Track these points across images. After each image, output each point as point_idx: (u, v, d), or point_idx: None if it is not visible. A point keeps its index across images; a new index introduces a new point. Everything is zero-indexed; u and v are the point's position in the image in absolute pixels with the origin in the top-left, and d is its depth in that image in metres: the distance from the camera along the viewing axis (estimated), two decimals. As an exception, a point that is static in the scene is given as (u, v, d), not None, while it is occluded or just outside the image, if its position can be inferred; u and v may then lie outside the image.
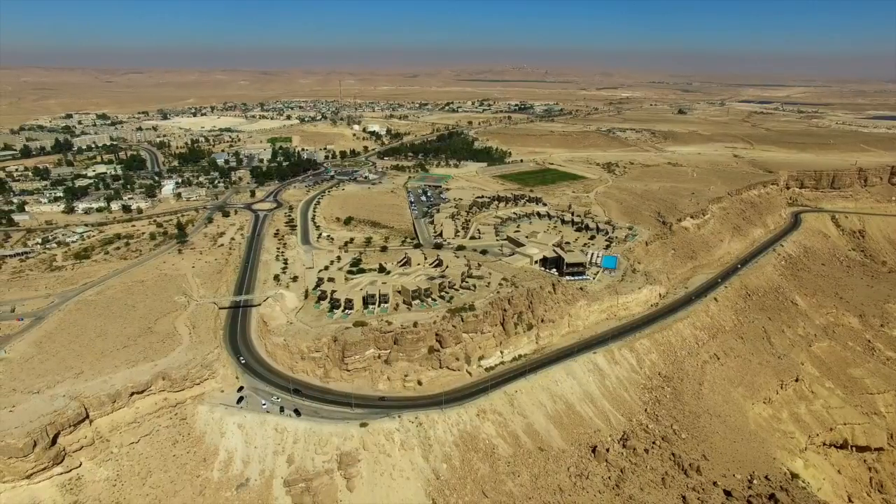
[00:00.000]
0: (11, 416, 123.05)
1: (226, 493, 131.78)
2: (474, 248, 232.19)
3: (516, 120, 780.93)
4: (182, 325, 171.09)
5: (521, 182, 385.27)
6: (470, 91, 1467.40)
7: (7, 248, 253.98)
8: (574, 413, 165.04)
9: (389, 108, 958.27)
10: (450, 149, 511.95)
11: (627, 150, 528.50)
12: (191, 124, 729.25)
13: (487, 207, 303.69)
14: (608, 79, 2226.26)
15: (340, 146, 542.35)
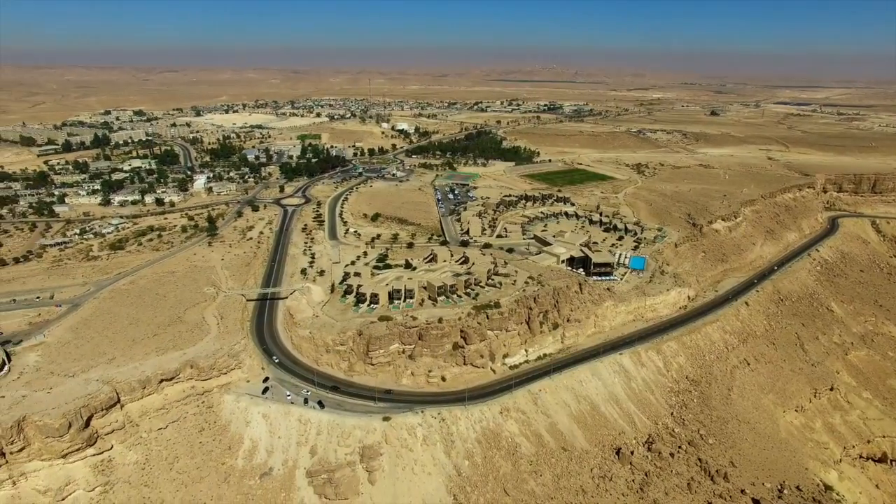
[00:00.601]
0: (49, 397, 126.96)
1: (249, 481, 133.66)
2: (501, 246, 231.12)
3: (545, 120, 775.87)
4: (210, 315, 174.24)
5: (548, 182, 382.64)
6: (499, 91, 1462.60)
7: (48, 237, 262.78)
8: (598, 414, 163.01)
9: (418, 106, 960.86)
10: (478, 148, 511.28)
11: (657, 152, 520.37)
12: (223, 121, 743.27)
13: (515, 206, 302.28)
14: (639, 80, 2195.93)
15: (369, 144, 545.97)
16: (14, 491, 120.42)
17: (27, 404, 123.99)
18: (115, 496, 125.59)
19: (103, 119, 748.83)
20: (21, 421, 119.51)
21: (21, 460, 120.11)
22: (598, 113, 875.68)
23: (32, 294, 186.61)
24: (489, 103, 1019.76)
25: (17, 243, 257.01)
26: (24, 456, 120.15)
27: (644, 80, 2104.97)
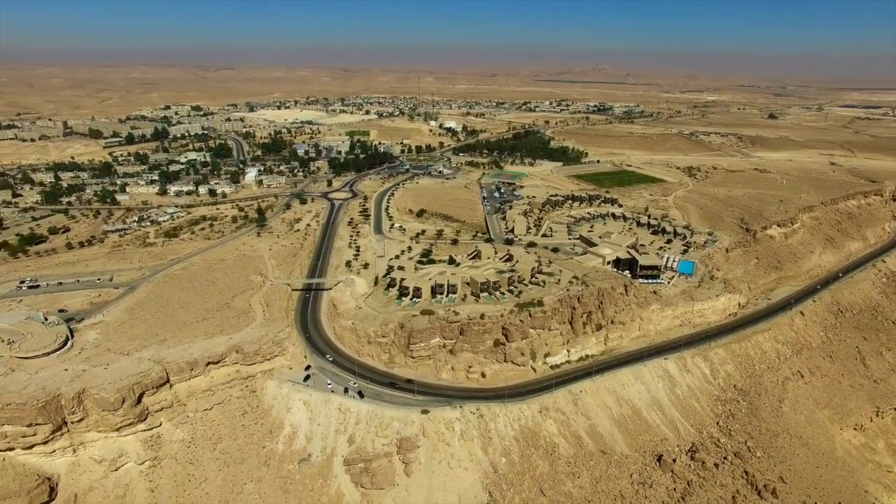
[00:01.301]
0: (106, 372, 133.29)
1: (289, 465, 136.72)
2: (545, 245, 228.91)
3: (594, 121, 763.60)
4: (257, 302, 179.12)
5: (596, 183, 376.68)
6: (548, 91, 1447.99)
7: (110, 224, 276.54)
8: (640, 419, 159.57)
9: (466, 105, 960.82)
10: (525, 147, 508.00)
11: (710, 155, 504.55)
12: (275, 116, 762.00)
13: (561, 206, 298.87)
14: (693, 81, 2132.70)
15: (416, 141, 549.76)
16: (74, 458, 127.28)
17: (87, 378, 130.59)
18: (162, 471, 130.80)
19: (163, 114, 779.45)
20: (81, 393, 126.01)
21: (80, 430, 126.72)
22: (650, 115, 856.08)
23: (94, 276, 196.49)
24: (538, 103, 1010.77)
25: (82, 228, 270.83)
26: (84, 426, 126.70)
27: (698, 83, 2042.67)
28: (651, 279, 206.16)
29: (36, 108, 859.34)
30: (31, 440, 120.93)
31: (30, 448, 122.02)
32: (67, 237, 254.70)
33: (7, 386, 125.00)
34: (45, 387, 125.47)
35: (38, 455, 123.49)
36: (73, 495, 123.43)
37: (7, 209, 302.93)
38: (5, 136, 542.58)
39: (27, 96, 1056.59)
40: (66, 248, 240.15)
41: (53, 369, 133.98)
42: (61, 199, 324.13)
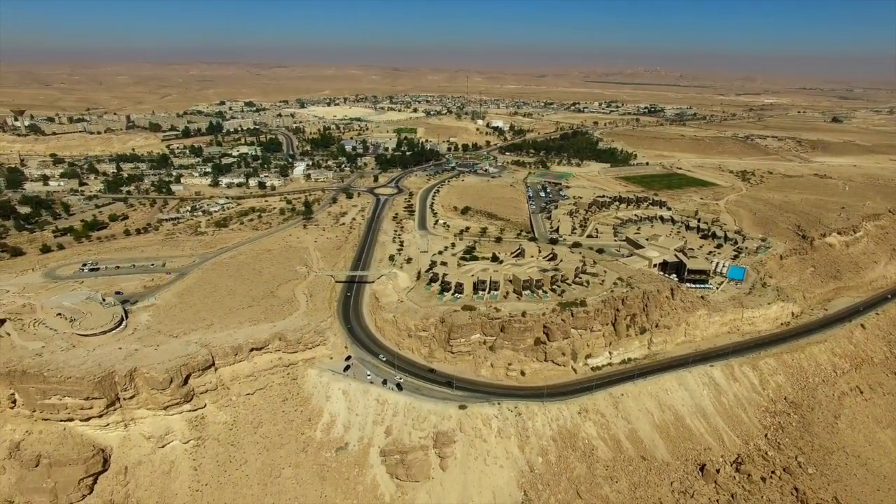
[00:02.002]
0: (156, 353, 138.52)
1: (326, 453, 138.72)
2: (590, 246, 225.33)
3: (644, 122, 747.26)
4: (301, 292, 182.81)
5: (644, 185, 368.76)
6: (598, 93, 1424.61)
7: (165, 213, 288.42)
8: (683, 426, 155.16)
9: (514, 105, 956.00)
10: (573, 147, 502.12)
11: (766, 159, 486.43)
12: (324, 113, 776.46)
13: (608, 208, 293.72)
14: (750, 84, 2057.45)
15: (463, 139, 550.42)
16: (125, 433, 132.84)
17: (138, 357, 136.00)
18: (205, 450, 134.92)
19: (218, 109, 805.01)
20: (133, 371, 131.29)
21: (132, 406, 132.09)
22: (703, 117, 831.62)
23: (149, 261, 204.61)
24: (587, 104, 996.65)
25: (139, 216, 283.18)
26: (134, 403, 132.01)
27: (755, 85, 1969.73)
28: (699, 284, 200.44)
29: (103, 104, 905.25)
30: (88, 413, 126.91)
31: (87, 420, 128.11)
32: (126, 224, 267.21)
33: (68, 361, 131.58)
34: (101, 363, 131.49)
35: (94, 427, 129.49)
36: (123, 468, 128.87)
37: (74, 197, 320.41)
38: (75, 129, 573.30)
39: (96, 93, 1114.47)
40: (124, 234, 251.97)
41: (109, 347, 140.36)
42: (122, 188, 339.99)
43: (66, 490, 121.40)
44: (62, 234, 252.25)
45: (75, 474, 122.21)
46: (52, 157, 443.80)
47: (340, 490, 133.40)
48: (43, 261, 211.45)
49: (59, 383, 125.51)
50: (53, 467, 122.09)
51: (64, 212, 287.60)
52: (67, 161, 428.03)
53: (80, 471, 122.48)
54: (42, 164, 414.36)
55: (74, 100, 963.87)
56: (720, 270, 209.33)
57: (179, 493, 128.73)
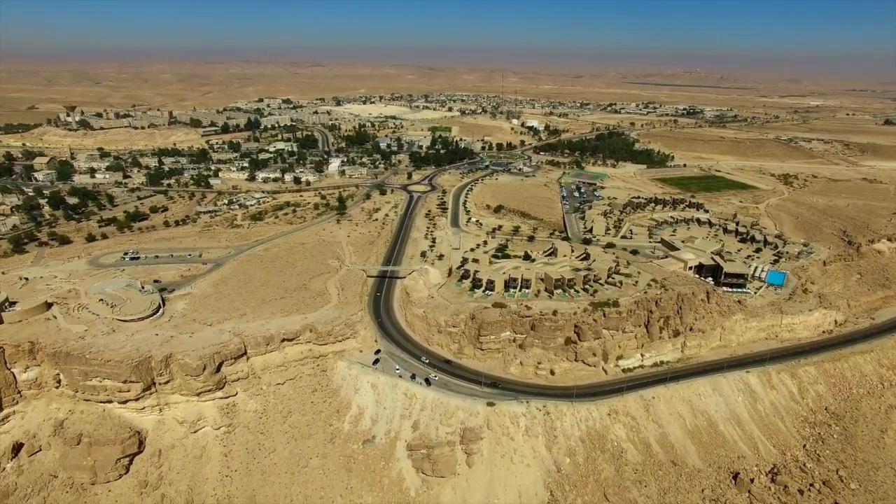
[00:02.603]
0: (190, 340, 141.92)
1: (353, 445, 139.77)
2: (624, 247, 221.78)
3: (682, 124, 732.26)
4: (332, 286, 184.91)
5: (681, 187, 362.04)
6: (635, 94, 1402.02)
7: (203, 205, 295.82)
8: (716, 432, 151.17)
9: (550, 105, 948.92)
10: (608, 148, 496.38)
11: (811, 162, 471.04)
12: (360, 111, 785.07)
13: (643, 209, 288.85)
14: (795, 85, 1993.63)
15: (497, 139, 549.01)
16: (160, 417, 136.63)
17: (174, 344, 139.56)
18: (235, 437, 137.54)
19: (256, 106, 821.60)
20: (168, 357, 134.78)
21: (166, 392, 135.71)
22: (743, 119, 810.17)
23: (186, 252, 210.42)
24: (623, 105, 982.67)
25: (178, 208, 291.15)
26: (169, 388, 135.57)
27: (800, 87, 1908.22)
28: (736, 288, 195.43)
29: (148, 101, 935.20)
30: (126, 395, 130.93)
31: (124, 403, 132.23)
32: (165, 216, 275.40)
33: (109, 344, 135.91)
34: (138, 348, 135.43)
35: (131, 410, 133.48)
36: (157, 450, 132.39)
37: (118, 189, 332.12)
38: (121, 124, 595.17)
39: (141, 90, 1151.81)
40: (164, 225, 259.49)
41: (146, 333, 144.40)
42: (163, 181, 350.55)
43: (104, 468, 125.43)
44: (106, 224, 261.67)
45: (113, 454, 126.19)
46: (99, 151, 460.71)
47: (366, 482, 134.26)
48: (88, 249, 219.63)
49: (99, 366, 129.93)
50: (93, 446, 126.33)
51: (108, 203, 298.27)
52: (113, 155, 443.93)
53: (117, 451, 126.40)
54: (90, 158, 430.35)
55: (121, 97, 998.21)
56: (759, 275, 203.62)
57: (210, 477, 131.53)
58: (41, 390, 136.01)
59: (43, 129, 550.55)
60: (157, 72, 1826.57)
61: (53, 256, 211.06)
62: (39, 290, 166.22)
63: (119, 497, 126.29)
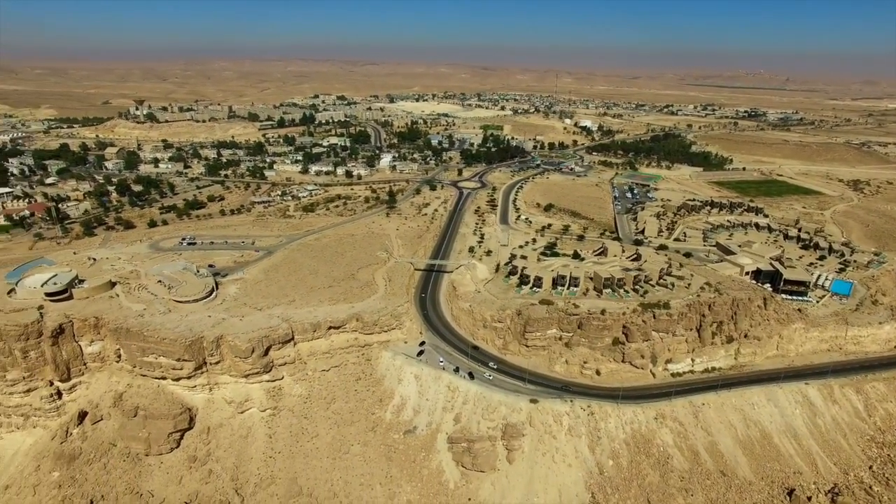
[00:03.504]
0: (241, 323, 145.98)
1: (394, 434, 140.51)
2: (677, 249, 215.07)
3: (743, 126, 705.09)
4: (380, 277, 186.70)
5: (740, 191, 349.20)
6: (693, 95, 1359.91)
7: (257, 196, 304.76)
8: (770, 445, 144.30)
9: (604, 106, 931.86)
10: (663, 150, 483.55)
11: (886, 168, 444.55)
12: (412, 108, 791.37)
13: (698, 212, 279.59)
14: (870, 87, 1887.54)
15: (550, 138, 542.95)
16: (210, 396, 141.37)
17: (225, 326, 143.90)
18: (280, 420, 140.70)
19: (312, 102, 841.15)
20: (219, 339, 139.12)
21: (216, 372, 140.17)
22: (810, 122, 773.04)
23: (240, 239, 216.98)
24: (680, 107, 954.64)
25: (234, 198, 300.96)
26: (219, 369, 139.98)
27: (877, 89, 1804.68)
28: (797, 296, 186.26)
29: (209, 96, 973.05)
30: (179, 373, 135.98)
31: (177, 380, 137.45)
32: (222, 205, 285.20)
33: (164, 323, 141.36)
34: (192, 328, 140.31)
35: (183, 388, 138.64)
36: (206, 427, 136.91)
37: (178, 178, 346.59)
38: (183, 117, 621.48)
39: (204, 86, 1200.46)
40: (220, 213, 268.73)
41: (199, 314, 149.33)
42: (220, 172, 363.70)
43: (157, 441, 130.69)
44: (167, 211, 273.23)
45: (165, 428, 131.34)
46: (163, 143, 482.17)
47: (406, 472, 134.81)
48: (149, 234, 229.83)
49: (155, 343, 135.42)
50: (148, 419, 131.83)
51: (170, 191, 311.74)
52: (175, 146, 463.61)
53: (169, 425, 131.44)
54: (155, 149, 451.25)
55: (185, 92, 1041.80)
56: (822, 283, 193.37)
57: (255, 457, 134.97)
58: (104, 363, 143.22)
59: (114, 121, 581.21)
60: (219, 69, 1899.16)
61: (118, 240, 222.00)
62: (105, 269, 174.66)
63: (170, 469, 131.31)
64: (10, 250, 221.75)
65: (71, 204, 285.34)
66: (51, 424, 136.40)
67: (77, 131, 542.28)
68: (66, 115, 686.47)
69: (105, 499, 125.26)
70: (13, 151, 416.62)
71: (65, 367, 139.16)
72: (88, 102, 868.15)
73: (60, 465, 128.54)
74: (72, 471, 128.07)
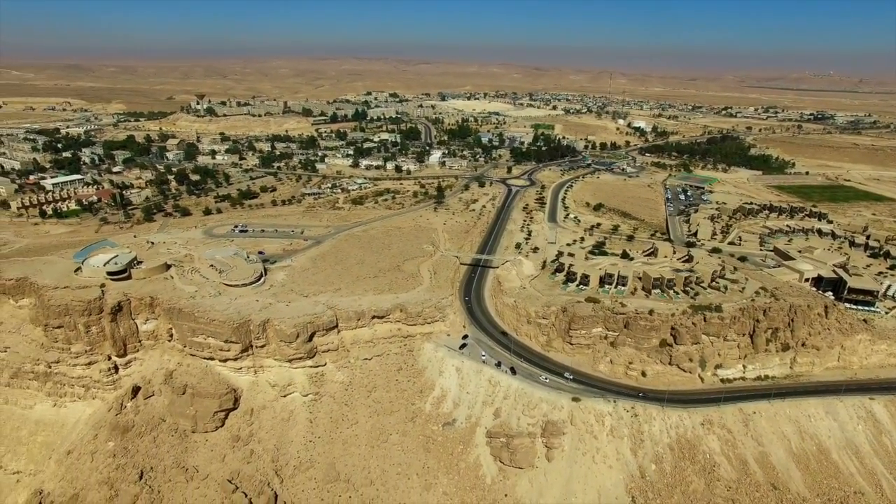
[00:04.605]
0: (287, 309, 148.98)
1: (433, 426, 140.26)
2: (732, 253, 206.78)
3: (808, 130, 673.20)
4: (425, 269, 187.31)
5: (802, 195, 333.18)
6: (754, 98, 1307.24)
7: (308, 188, 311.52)
8: (828, 461, 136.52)
9: (659, 107, 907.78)
10: (720, 152, 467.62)
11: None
12: (464, 106, 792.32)
13: (755, 216, 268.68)
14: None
15: (601, 138, 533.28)
16: (254, 378, 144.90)
17: (271, 310, 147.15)
18: (321, 406, 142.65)
19: (364, 99, 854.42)
20: (266, 323, 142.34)
21: (262, 355, 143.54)
22: (885, 125, 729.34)
23: (289, 228, 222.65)
24: (740, 109, 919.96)
25: (286, 189, 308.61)
26: (264, 352, 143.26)
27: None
28: (862, 305, 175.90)
29: (266, 93, 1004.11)
30: (226, 354, 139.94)
31: (224, 361, 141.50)
32: (273, 195, 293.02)
33: (214, 305, 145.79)
34: (240, 311, 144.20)
35: (230, 369, 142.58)
36: (250, 409, 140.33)
37: (234, 169, 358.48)
38: (241, 112, 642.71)
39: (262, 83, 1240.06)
40: (272, 204, 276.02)
41: (247, 298, 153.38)
42: (273, 164, 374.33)
43: (203, 419, 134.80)
44: (221, 200, 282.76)
45: (211, 407, 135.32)
46: (220, 136, 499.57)
47: (443, 464, 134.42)
48: (204, 221, 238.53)
49: (205, 324, 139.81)
50: (195, 397, 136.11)
51: (225, 181, 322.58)
52: (232, 139, 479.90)
53: (215, 404, 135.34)
54: (212, 141, 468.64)
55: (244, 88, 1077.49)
56: (893, 294, 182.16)
57: (295, 440, 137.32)
58: (157, 342, 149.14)
59: (176, 115, 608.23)
60: (276, 67, 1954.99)
61: (175, 225, 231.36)
62: (161, 253, 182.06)
63: (214, 447, 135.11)
64: (78, 233, 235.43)
65: (134, 191, 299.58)
66: (108, 397, 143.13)
67: (143, 124, 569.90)
68: (134, 109, 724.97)
69: (154, 470, 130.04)
70: (86, 142, 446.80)
71: (122, 343, 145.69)
72: (154, 98, 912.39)
73: (115, 435, 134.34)
74: (125, 442, 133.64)
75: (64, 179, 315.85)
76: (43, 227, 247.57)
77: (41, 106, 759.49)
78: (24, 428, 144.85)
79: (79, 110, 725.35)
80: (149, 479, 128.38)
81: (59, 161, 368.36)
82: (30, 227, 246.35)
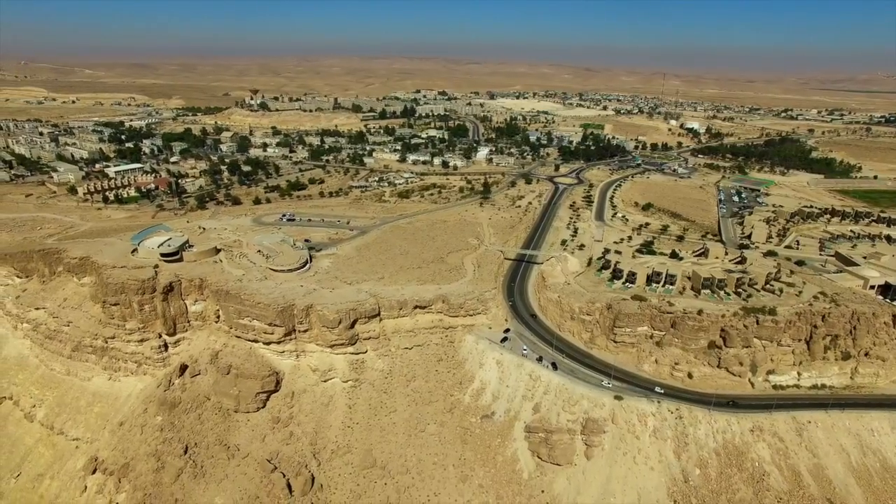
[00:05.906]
0: (330, 295, 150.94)
1: (471, 418, 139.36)
2: (788, 257, 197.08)
3: (878, 133, 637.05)
4: (469, 262, 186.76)
5: (869, 200, 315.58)
6: (817, 100, 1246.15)
7: (355, 181, 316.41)
8: (893, 478, 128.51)
9: (713, 109, 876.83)
10: (778, 154, 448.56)
11: None
12: (512, 105, 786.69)
13: (815, 220, 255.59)
14: None
15: (653, 139, 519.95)
16: (297, 362, 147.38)
17: (315, 296, 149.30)
18: (360, 392, 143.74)
19: (413, 96, 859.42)
20: (309, 308, 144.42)
21: (304, 340, 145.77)
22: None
23: (336, 218, 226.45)
24: (801, 111, 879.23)
25: (334, 182, 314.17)
26: (307, 337, 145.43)
27: None
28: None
29: (318, 90, 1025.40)
30: (269, 338, 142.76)
31: (268, 344, 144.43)
32: (321, 187, 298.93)
33: (260, 289, 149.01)
34: (284, 296, 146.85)
35: (272, 352, 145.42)
36: (291, 392, 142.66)
37: (284, 161, 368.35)
38: (292, 107, 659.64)
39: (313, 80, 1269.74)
40: (319, 195, 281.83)
41: (292, 283, 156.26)
42: (322, 157, 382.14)
43: (245, 399, 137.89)
44: (271, 190, 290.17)
45: (254, 388, 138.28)
46: (272, 129, 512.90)
47: (480, 457, 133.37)
48: (254, 210, 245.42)
49: (251, 307, 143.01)
50: (239, 378, 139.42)
51: (275, 173, 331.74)
52: (283, 133, 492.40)
53: (257, 386, 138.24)
54: (264, 135, 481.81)
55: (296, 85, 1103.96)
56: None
57: (333, 425, 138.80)
58: (204, 322, 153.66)
59: (231, 110, 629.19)
60: (328, 65, 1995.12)
61: (226, 213, 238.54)
62: (212, 238, 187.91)
63: (255, 427, 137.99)
64: (136, 218, 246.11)
65: (188, 180, 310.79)
66: (157, 373, 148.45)
67: (199, 118, 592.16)
68: (192, 104, 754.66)
69: (198, 446, 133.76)
70: (147, 134, 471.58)
71: (172, 322, 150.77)
72: (210, 94, 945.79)
73: (163, 410, 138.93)
74: (172, 417, 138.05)
75: (125, 168, 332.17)
76: (105, 212, 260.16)
77: (109, 101, 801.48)
78: (82, 398, 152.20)
79: (142, 105, 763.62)
80: (193, 454, 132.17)
81: (122, 151, 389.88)
82: (93, 212, 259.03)
